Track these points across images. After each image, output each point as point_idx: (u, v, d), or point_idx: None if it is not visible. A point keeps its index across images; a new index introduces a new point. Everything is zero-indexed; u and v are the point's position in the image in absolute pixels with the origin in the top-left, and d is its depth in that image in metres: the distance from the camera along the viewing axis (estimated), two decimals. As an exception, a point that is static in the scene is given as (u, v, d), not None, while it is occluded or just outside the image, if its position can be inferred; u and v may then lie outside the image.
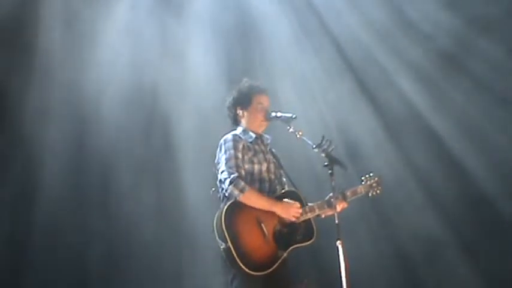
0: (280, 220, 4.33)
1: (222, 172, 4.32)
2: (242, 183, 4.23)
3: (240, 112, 4.63)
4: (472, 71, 6.43)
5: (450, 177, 6.52)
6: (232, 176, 4.25)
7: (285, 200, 4.36)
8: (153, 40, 6.71)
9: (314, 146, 4.27)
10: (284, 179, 4.66)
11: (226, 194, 4.27)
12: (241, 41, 6.92)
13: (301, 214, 4.34)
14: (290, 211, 4.32)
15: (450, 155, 6.52)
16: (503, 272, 6.21)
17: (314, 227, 4.43)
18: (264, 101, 4.60)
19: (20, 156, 6.25)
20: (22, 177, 6.22)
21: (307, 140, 4.35)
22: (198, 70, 6.67)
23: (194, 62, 6.68)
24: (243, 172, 4.34)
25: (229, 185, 4.23)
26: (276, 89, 6.17)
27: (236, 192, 4.21)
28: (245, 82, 4.70)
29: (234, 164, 4.32)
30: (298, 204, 4.34)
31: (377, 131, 6.72)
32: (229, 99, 4.69)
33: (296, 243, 4.32)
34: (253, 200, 4.26)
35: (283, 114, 4.48)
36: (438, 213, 6.48)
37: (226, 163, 4.32)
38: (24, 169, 6.23)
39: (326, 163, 4.19)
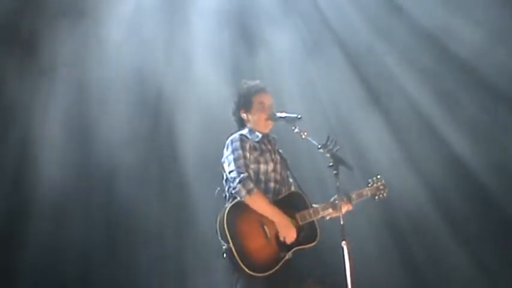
0: (283, 222, 4.30)
1: (230, 172, 4.28)
2: (251, 185, 4.19)
3: (244, 115, 4.60)
4: (485, 78, 6.38)
5: (457, 180, 6.49)
6: (242, 175, 4.21)
7: (289, 213, 4.30)
8: (158, 40, 6.71)
9: (319, 147, 4.23)
10: (291, 180, 4.63)
11: (233, 192, 4.24)
12: (247, 40, 6.90)
13: (292, 242, 4.25)
14: (285, 233, 4.24)
15: (457, 159, 6.49)
16: (505, 271, 6.24)
17: (318, 229, 4.40)
18: (265, 99, 4.57)
19: (23, 153, 6.26)
20: (24, 174, 6.23)
21: (312, 140, 4.31)
22: (203, 69, 6.64)
23: (199, 61, 6.66)
24: (251, 172, 4.32)
25: (238, 184, 4.19)
26: (281, 89, 6.15)
27: (244, 192, 4.17)
28: (243, 84, 4.66)
29: (243, 164, 4.28)
30: (294, 233, 4.25)
31: (383, 132, 6.69)
32: (231, 106, 4.67)
33: (299, 245, 4.29)
34: (258, 204, 4.22)
35: (288, 115, 4.44)
36: (444, 214, 6.46)
37: (235, 163, 4.28)
38: (27, 166, 6.24)
39: (331, 163, 4.15)
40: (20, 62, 6.27)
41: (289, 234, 4.25)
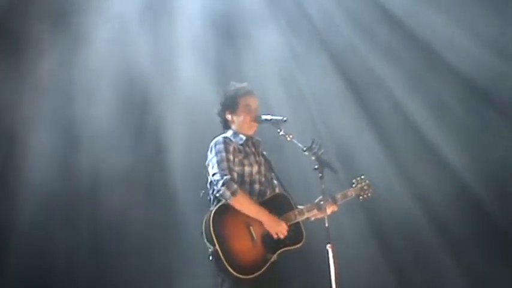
0: (269, 224, 4.33)
1: (214, 174, 4.30)
2: (235, 186, 4.21)
3: (229, 116, 4.61)
4: (472, 79, 6.44)
5: (441, 181, 6.53)
6: (225, 177, 4.23)
7: (274, 214, 4.32)
8: (143, 44, 6.67)
9: (304, 149, 4.27)
10: (275, 182, 4.65)
11: (218, 195, 4.25)
12: (232, 43, 6.88)
13: (285, 234, 4.29)
14: (276, 228, 4.28)
15: (444, 161, 6.53)
16: (490, 273, 6.26)
17: (303, 230, 4.42)
18: (251, 102, 4.58)
19: (8, 158, 6.21)
20: (9, 179, 6.19)
21: (297, 142, 4.34)
22: (188, 72, 6.62)
23: (184, 65, 6.64)
24: (235, 175, 4.33)
25: (221, 186, 4.20)
26: (266, 91, 6.15)
27: (228, 194, 4.19)
28: (231, 86, 4.67)
29: (226, 167, 4.30)
30: (285, 225, 4.30)
31: (368, 134, 6.73)
32: (218, 106, 4.69)
33: (285, 247, 4.31)
34: (244, 204, 4.25)
35: (274, 117, 4.47)
36: (428, 216, 6.50)
37: (218, 165, 4.30)
38: (13, 170, 6.19)
39: (316, 166, 4.19)
40: (4, 63, 6.21)
41: (280, 229, 4.27)
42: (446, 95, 6.55)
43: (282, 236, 4.28)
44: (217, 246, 4.09)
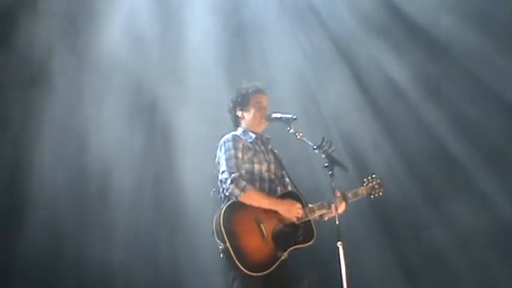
0: (280, 221, 4.33)
1: (222, 172, 4.32)
2: (243, 183, 4.24)
3: (239, 113, 4.65)
4: (471, 71, 6.42)
5: (450, 177, 6.51)
6: (233, 175, 4.26)
7: (287, 199, 4.35)
8: (153, 45, 6.70)
9: (314, 147, 4.27)
10: (287, 180, 4.66)
11: (227, 194, 4.27)
12: (242, 42, 6.90)
13: (303, 214, 4.33)
14: (292, 210, 4.32)
15: (450, 156, 6.51)
16: (506, 276, 6.22)
17: (314, 229, 4.42)
18: (263, 100, 4.62)
19: (18, 160, 6.25)
20: (19, 183, 6.21)
21: (307, 140, 4.35)
22: (198, 73, 6.64)
23: (195, 65, 6.65)
24: (243, 172, 4.35)
25: (230, 184, 4.23)
26: (276, 90, 6.15)
27: (237, 191, 4.21)
28: (243, 84, 4.73)
29: (235, 164, 4.33)
30: (299, 205, 4.34)
31: (378, 133, 6.72)
32: (229, 103, 4.72)
33: (295, 245, 4.32)
34: (255, 199, 4.27)
35: (284, 115, 4.48)
36: (438, 214, 6.47)
37: (226, 163, 4.33)
38: (23, 173, 6.23)
39: (326, 164, 4.18)
40: (14, 66, 6.24)
41: (297, 212, 4.31)
42: (467, 105, 6.50)
43: (300, 216, 4.30)
44: (228, 244, 4.10)
